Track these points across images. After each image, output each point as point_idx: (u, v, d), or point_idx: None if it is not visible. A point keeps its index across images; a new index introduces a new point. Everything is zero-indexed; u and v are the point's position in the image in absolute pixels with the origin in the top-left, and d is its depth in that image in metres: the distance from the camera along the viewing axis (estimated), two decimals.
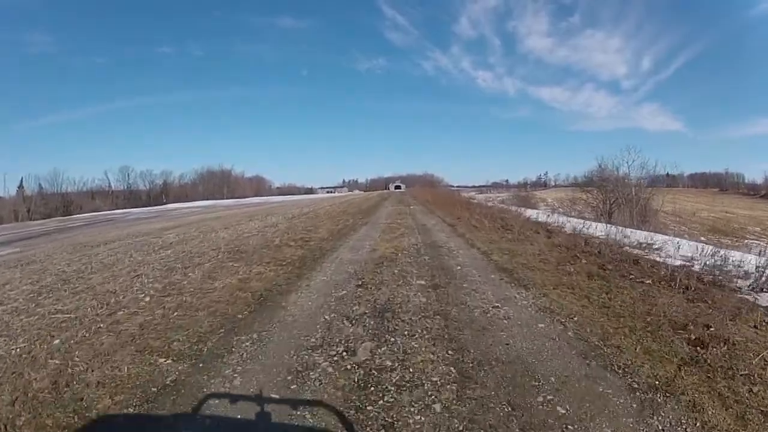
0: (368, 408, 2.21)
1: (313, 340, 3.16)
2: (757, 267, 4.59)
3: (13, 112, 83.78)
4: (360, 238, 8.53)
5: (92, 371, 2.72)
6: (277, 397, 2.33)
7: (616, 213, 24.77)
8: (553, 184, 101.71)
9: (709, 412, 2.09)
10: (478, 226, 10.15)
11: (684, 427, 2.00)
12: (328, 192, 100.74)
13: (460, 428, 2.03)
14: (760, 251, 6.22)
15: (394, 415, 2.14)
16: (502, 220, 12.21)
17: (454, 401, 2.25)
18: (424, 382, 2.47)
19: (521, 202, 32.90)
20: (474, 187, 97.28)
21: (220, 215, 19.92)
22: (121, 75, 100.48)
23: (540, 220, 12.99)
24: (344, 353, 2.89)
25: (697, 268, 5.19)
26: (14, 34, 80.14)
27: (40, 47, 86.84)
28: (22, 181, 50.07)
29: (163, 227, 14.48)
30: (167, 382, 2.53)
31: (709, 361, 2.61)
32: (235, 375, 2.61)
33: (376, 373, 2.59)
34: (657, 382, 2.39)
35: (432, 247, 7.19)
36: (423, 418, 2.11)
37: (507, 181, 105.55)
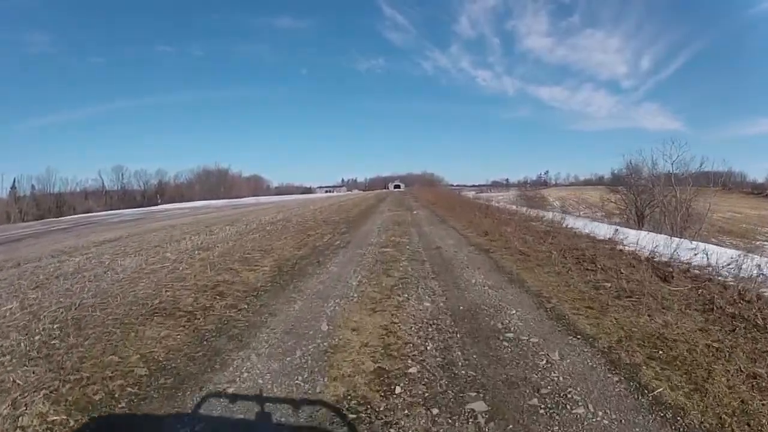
0: None
1: None
2: None
3: (9, 113, 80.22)
4: (319, 289, 4.27)
5: None
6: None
7: (649, 217, 20.68)
8: (554, 183, 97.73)
9: None
10: (529, 254, 5.94)
11: None
12: (326, 192, 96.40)
13: None
14: None
15: None
16: (548, 235, 8.08)
17: None
18: None
19: (529, 203, 28.91)
20: (474, 186, 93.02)
21: (178, 223, 15.79)
22: (119, 75, 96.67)
23: (593, 233, 8.89)
24: None
25: None
26: (12, 34, 76.92)
27: (38, 47, 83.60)
28: (14, 181, 48.68)
29: (103, 240, 10.56)
30: None
31: None
32: None
33: None
34: None
35: (479, 336, 2.93)
36: None
37: (507, 180, 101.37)
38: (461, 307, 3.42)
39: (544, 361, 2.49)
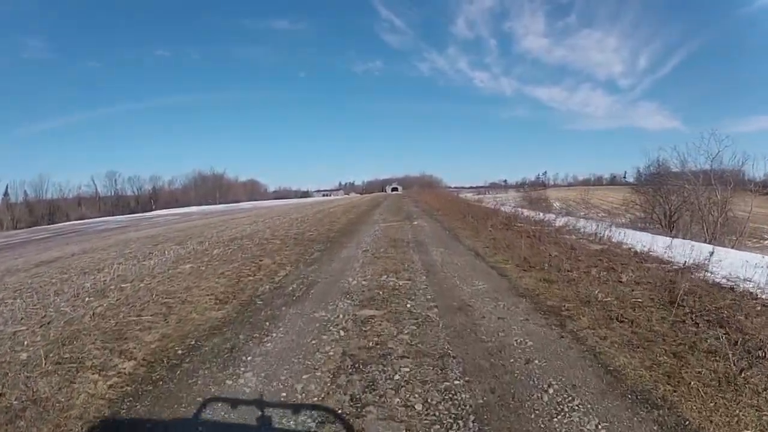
0: None
1: None
2: None
3: (3, 117, 77.43)
4: None
5: None
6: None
7: (679, 222, 17.89)
8: (552, 183, 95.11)
9: None
10: (633, 318, 3.12)
11: None
12: (324, 195, 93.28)
13: None
14: None
15: None
16: (608, 260, 5.46)
17: None
18: None
19: (533, 206, 26.20)
20: (472, 187, 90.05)
21: (135, 237, 13.01)
22: (116, 79, 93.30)
23: (659, 253, 6.37)
24: None
25: None
26: (8, 39, 74.40)
27: (34, 52, 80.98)
28: (7, 188, 47.85)
29: (43, 261, 8.50)
30: None
31: None
32: None
33: None
34: None
35: None
36: None
37: (506, 181, 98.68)
38: None
39: None
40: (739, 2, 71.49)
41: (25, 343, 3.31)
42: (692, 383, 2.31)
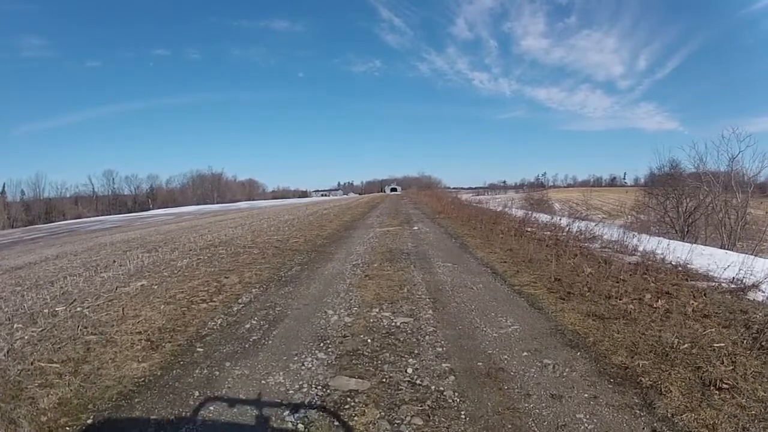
0: None
1: None
2: None
3: (3, 115, 76.27)
4: None
5: None
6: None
7: (693, 226, 16.81)
8: (552, 184, 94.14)
9: None
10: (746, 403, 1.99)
11: None
12: (322, 195, 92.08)
13: None
14: None
15: None
16: (652, 278, 4.35)
17: None
18: None
19: (537, 207, 25.11)
20: (471, 188, 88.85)
21: (118, 240, 11.94)
22: (116, 78, 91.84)
23: (708, 270, 5.22)
24: None
25: None
26: (7, 38, 73.31)
27: (34, 51, 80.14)
28: (4, 187, 47.63)
29: (17, 266, 7.90)
30: None
31: None
32: None
33: None
34: None
35: None
36: None
37: (505, 182, 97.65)
38: None
39: None
40: (739, 3, 70.24)
41: None
42: None
